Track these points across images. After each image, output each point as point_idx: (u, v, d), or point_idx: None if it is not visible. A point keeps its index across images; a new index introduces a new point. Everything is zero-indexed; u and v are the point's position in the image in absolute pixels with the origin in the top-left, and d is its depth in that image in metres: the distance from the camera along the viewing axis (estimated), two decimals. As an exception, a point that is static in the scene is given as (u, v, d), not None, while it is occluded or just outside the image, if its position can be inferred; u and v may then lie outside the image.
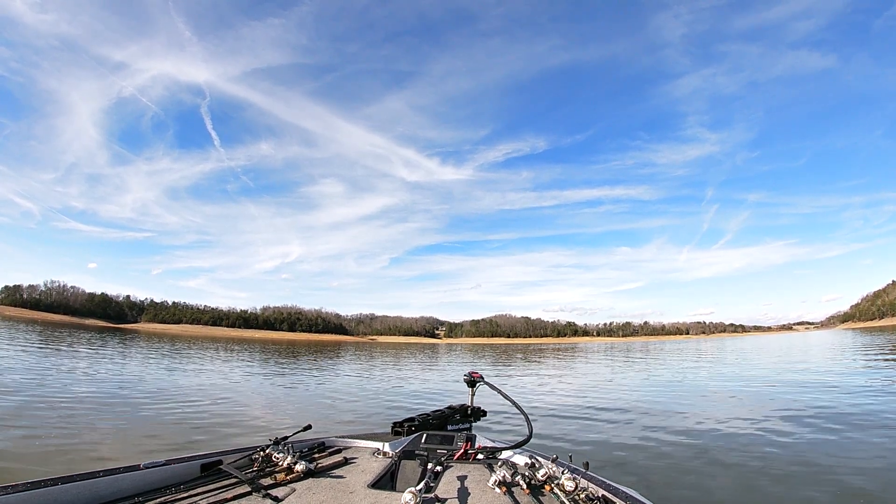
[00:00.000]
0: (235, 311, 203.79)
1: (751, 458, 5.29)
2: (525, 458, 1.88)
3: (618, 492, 1.55)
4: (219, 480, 1.69)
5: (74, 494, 1.41)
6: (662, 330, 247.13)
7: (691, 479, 4.65)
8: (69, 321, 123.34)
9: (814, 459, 5.17)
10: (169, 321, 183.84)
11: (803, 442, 5.96)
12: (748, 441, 6.08)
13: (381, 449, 2.17)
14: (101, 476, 1.50)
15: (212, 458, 1.85)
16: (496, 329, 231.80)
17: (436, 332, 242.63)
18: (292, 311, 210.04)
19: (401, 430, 2.49)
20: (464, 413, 2.95)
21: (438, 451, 2.12)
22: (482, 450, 2.06)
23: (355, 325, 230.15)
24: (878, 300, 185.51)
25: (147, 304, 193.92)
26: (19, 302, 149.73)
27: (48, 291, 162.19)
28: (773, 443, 5.94)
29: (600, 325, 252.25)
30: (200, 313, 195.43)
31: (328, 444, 2.31)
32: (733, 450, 5.67)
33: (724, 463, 5.16)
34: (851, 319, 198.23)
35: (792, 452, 5.48)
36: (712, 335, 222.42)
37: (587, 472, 1.69)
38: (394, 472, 1.97)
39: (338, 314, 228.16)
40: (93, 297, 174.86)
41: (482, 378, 2.86)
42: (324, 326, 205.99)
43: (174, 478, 1.69)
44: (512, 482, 1.63)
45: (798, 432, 6.46)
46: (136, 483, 1.58)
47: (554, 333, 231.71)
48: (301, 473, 1.74)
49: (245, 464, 1.88)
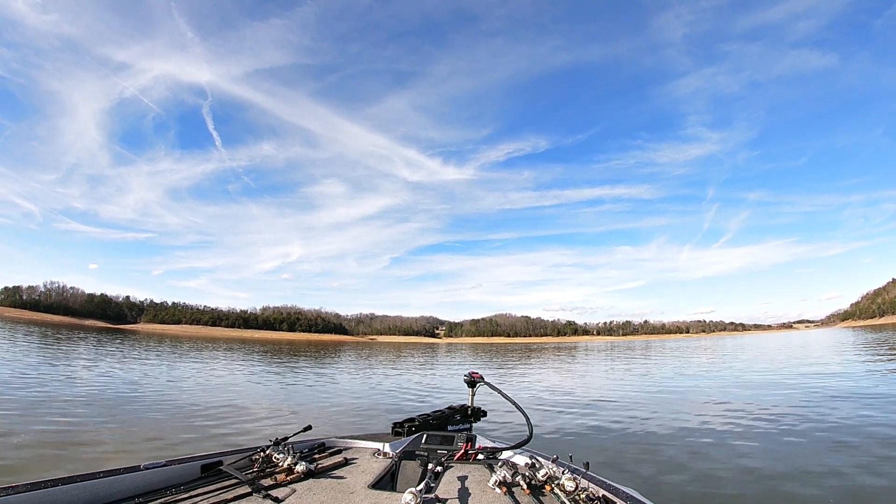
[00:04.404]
0: (235, 311, 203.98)
1: (753, 458, 5.29)
2: (525, 458, 1.88)
3: (618, 492, 1.54)
4: (219, 481, 1.68)
5: (74, 495, 1.41)
6: (662, 329, 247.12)
7: (692, 479, 4.65)
8: (69, 322, 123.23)
9: (819, 460, 5.16)
10: (168, 322, 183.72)
11: (807, 442, 5.96)
12: (750, 441, 6.08)
13: (381, 449, 2.16)
14: (101, 477, 1.50)
15: (212, 459, 1.85)
16: (496, 328, 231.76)
17: (436, 331, 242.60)
18: (292, 312, 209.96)
19: (401, 430, 2.49)
20: (464, 413, 2.94)
21: (439, 452, 2.11)
22: (482, 450, 2.06)
23: (355, 324, 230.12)
24: (878, 298, 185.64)
25: (147, 305, 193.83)
26: (19, 303, 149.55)
27: (48, 292, 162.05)
28: (777, 443, 5.94)
29: (600, 325, 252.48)
30: (200, 314, 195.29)
31: (328, 445, 2.31)
32: (734, 450, 5.67)
33: (725, 463, 5.16)
34: (851, 318, 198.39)
35: (793, 453, 5.48)
36: (712, 334, 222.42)
37: (587, 473, 1.68)
38: (394, 473, 1.97)
39: (338, 314, 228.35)
40: (92, 298, 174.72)
41: (482, 378, 2.85)
42: (323, 326, 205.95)
43: (174, 478, 1.69)
44: (512, 482, 1.63)
45: (802, 432, 6.46)
46: (137, 484, 1.58)
47: (554, 333, 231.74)
48: (301, 474, 1.74)
49: (245, 464, 1.88)
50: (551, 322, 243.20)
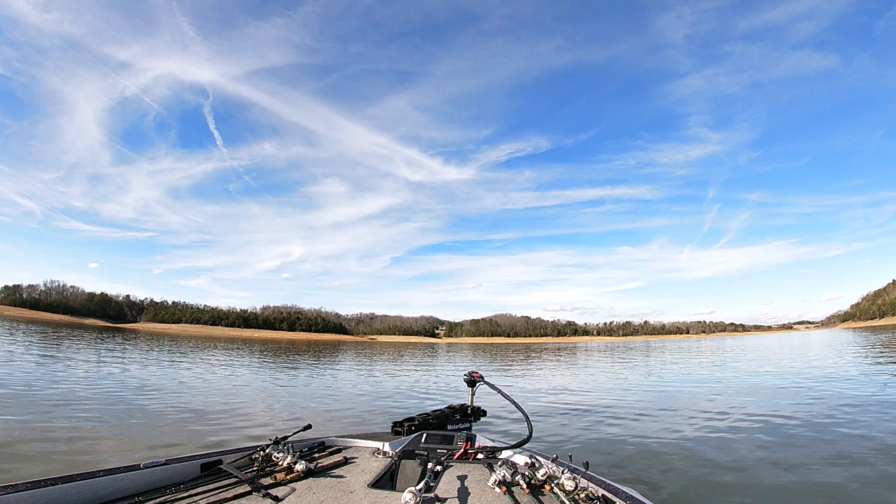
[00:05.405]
0: (235, 310, 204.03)
1: (753, 459, 5.28)
2: (525, 457, 1.88)
3: (618, 492, 1.54)
4: (219, 480, 1.69)
5: (74, 494, 1.42)
6: (662, 329, 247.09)
7: (692, 479, 4.64)
8: (68, 321, 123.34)
9: (822, 464, 5.16)
10: (168, 321, 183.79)
11: (810, 442, 5.96)
12: (753, 441, 6.07)
13: (381, 449, 2.17)
14: (100, 476, 1.50)
15: (212, 458, 1.85)
16: (496, 328, 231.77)
17: (436, 331, 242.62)
18: (292, 311, 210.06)
19: (401, 429, 2.49)
20: (464, 413, 2.94)
21: (438, 451, 2.11)
22: (482, 449, 2.06)
23: (355, 324, 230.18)
24: (879, 299, 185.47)
25: (147, 304, 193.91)
26: (19, 302, 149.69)
27: (48, 291, 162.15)
28: (780, 442, 5.94)
29: (600, 325, 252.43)
30: (200, 313, 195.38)
31: (328, 444, 2.32)
32: (734, 450, 5.67)
33: (725, 463, 5.16)
34: (852, 319, 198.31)
35: (796, 453, 5.48)
36: (712, 335, 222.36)
37: (587, 472, 1.69)
38: (394, 472, 1.97)
39: (338, 314, 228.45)
40: (92, 297, 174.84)
41: (482, 378, 2.85)
42: (323, 326, 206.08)
43: (174, 477, 1.69)
44: (512, 482, 1.63)
45: (804, 432, 6.46)
46: (136, 483, 1.58)
47: (554, 333, 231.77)
48: (301, 473, 1.74)
49: (245, 463, 1.89)
50: (551, 322, 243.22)
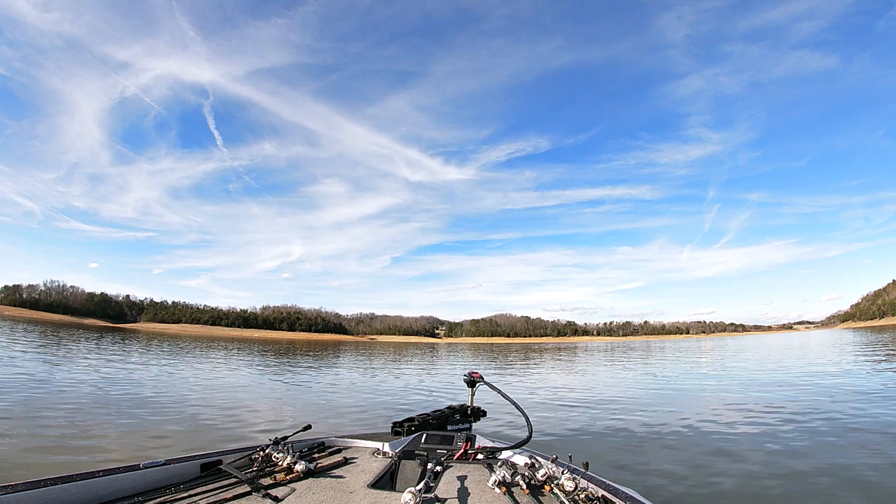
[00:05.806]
0: (235, 310, 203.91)
1: (753, 459, 5.28)
2: (525, 458, 1.88)
3: (618, 492, 1.54)
4: (218, 480, 1.69)
5: (74, 494, 1.41)
6: (663, 329, 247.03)
7: (693, 479, 4.64)
8: (68, 321, 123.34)
9: (823, 464, 5.15)
10: (168, 321, 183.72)
11: (810, 442, 5.95)
12: (753, 440, 6.07)
13: (380, 449, 2.17)
14: (100, 476, 1.50)
15: (211, 458, 1.85)
16: (496, 328, 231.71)
17: (436, 331, 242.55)
18: (292, 311, 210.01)
19: (401, 429, 2.49)
20: (464, 413, 2.94)
21: (438, 451, 2.11)
22: (482, 450, 2.06)
23: (355, 324, 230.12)
24: (879, 300, 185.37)
25: (147, 304, 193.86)
26: (18, 302, 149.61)
27: (48, 291, 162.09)
28: (780, 443, 5.94)
29: (600, 325, 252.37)
30: (200, 313, 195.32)
31: (328, 444, 2.31)
32: (734, 451, 5.66)
33: (725, 463, 5.15)
34: (852, 319, 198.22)
35: (797, 454, 5.47)
36: (712, 335, 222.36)
37: (587, 473, 1.69)
38: (394, 472, 1.97)
39: (337, 314, 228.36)
40: (92, 297, 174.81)
41: (482, 378, 2.85)
42: (323, 326, 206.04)
43: (174, 477, 1.69)
44: (512, 482, 1.63)
45: (804, 432, 6.46)
46: (136, 483, 1.58)
47: (554, 333, 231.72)
48: (301, 473, 1.74)
49: (245, 464, 1.88)
50: (551, 322, 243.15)
